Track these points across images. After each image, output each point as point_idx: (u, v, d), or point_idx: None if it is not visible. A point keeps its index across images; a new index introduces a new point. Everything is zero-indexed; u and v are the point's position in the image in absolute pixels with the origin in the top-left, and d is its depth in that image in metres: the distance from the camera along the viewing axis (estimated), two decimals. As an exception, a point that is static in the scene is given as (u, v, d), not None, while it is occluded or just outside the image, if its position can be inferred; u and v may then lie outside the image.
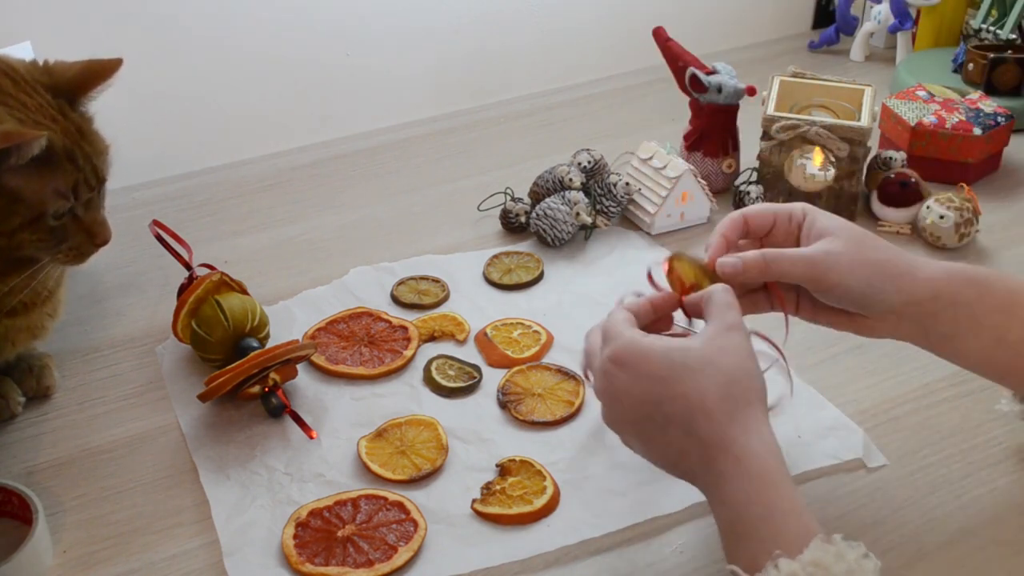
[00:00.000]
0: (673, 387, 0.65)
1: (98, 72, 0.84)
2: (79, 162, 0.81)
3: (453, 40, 1.41)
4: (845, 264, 0.72)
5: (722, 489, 0.63)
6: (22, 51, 1.08)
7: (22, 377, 0.92)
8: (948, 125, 1.19)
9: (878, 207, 1.15)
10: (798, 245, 0.75)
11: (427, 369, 0.94)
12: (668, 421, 0.65)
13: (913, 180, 1.13)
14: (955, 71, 1.41)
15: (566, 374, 0.92)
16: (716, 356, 0.65)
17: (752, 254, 0.73)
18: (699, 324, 0.73)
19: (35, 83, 0.81)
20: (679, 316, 0.76)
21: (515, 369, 0.93)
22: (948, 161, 1.20)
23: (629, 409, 0.67)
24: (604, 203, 1.13)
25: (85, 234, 0.83)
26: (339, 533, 0.77)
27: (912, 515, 0.78)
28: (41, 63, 0.84)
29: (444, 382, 0.92)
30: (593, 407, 0.89)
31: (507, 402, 0.89)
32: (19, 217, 0.78)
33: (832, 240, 0.73)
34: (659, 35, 1.22)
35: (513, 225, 1.14)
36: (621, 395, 0.67)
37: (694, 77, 1.17)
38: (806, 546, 0.58)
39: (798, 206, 0.77)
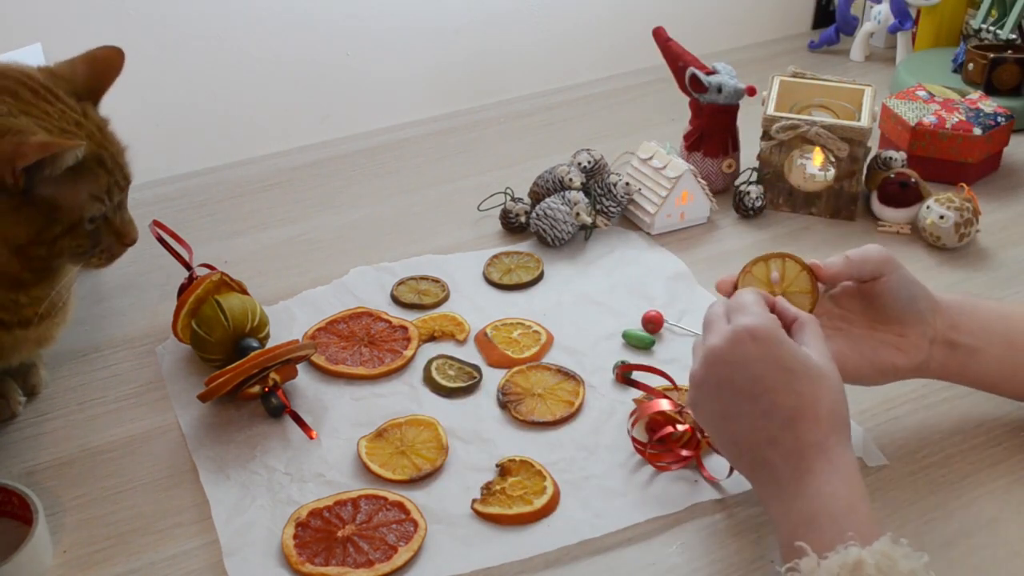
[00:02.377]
0: (794, 383, 0.67)
1: (106, 68, 0.85)
2: (108, 165, 0.82)
3: (453, 40, 1.41)
4: (907, 290, 0.79)
5: (807, 483, 0.65)
6: (32, 53, 1.08)
7: (10, 375, 0.91)
8: (948, 125, 1.19)
9: (878, 207, 1.15)
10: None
11: (427, 369, 0.94)
12: (773, 409, 0.67)
13: (913, 180, 1.13)
14: (955, 71, 1.41)
15: (566, 374, 0.92)
16: (831, 376, 0.69)
17: (837, 257, 0.79)
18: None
19: (55, 89, 0.81)
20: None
21: (515, 369, 0.93)
22: (948, 161, 1.20)
23: (741, 381, 0.68)
24: (604, 203, 1.13)
25: (115, 236, 0.85)
26: (339, 533, 0.77)
27: (912, 515, 0.78)
28: (49, 67, 0.83)
29: (444, 382, 0.92)
30: (593, 407, 0.89)
31: (507, 402, 0.89)
32: (60, 226, 0.79)
33: (902, 279, 0.79)
34: (659, 35, 1.22)
35: (513, 225, 1.14)
36: (740, 365, 0.68)
37: (694, 77, 1.17)
38: (876, 540, 0.61)
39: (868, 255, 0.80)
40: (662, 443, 0.83)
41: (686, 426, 0.83)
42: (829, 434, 0.67)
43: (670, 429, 0.83)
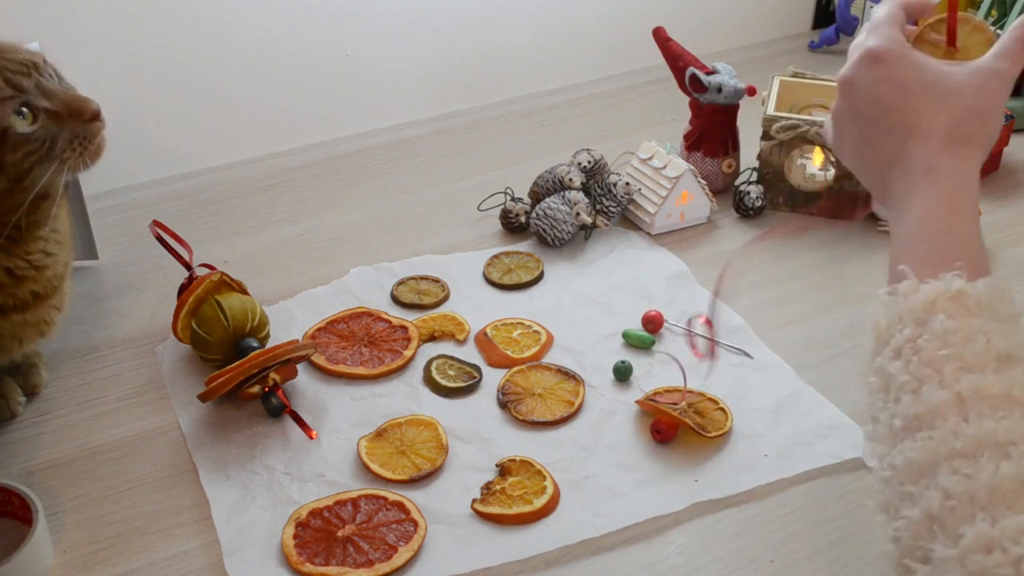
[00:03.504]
0: (911, 101, 0.65)
1: None
2: None
3: (453, 40, 1.41)
4: None
5: (910, 204, 0.63)
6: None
7: (10, 375, 0.91)
8: (948, 125, 1.19)
9: (878, 207, 1.14)
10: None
11: (427, 369, 0.94)
12: (893, 129, 0.65)
13: (913, 180, 1.13)
14: (955, 71, 1.41)
15: (566, 374, 0.92)
16: (968, 90, 0.65)
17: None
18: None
19: None
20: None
21: (515, 369, 0.93)
22: (948, 161, 1.20)
23: (865, 104, 0.67)
24: (604, 203, 1.13)
25: (71, 118, 0.79)
26: (339, 533, 0.77)
27: (912, 515, 0.78)
28: None
29: (444, 382, 0.92)
30: (593, 407, 0.89)
31: (507, 402, 0.89)
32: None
33: None
34: (659, 35, 1.22)
35: (513, 225, 1.14)
36: (862, 89, 0.67)
37: (694, 77, 1.17)
38: (980, 278, 0.58)
39: None
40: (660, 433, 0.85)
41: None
42: (942, 152, 0.63)
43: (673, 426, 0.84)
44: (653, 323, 0.97)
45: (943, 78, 0.65)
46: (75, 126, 0.80)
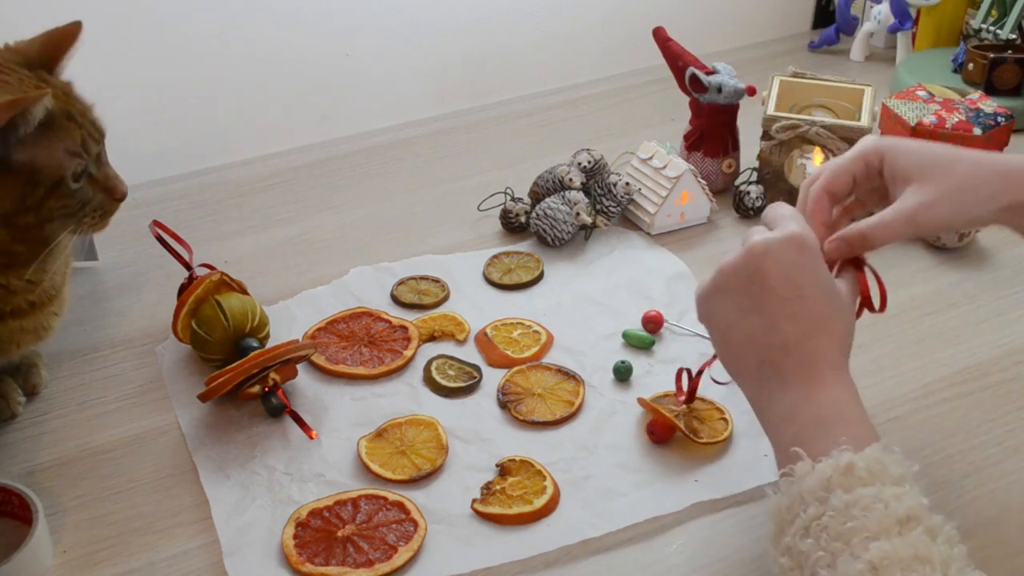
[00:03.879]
0: (821, 298, 0.68)
1: (62, 39, 0.85)
2: (78, 119, 0.82)
3: (453, 40, 1.41)
4: (944, 212, 0.73)
5: (814, 391, 0.65)
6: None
7: (10, 375, 0.92)
8: (948, 125, 1.19)
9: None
10: (885, 193, 0.76)
11: (427, 369, 0.94)
12: (796, 316, 0.67)
13: (913, 180, 1.13)
14: (955, 71, 1.41)
15: (566, 374, 0.92)
16: (847, 305, 0.70)
17: (851, 232, 0.74)
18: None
19: (7, 63, 0.81)
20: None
21: (515, 369, 0.93)
22: (948, 161, 1.20)
23: (775, 280, 0.68)
24: (604, 203, 1.13)
25: (104, 192, 0.85)
26: (339, 533, 0.77)
27: (912, 515, 0.78)
28: (3, 45, 0.84)
29: (444, 382, 0.92)
30: (593, 407, 0.89)
31: (507, 402, 0.89)
32: (42, 187, 0.79)
33: (922, 186, 0.73)
34: (659, 35, 1.22)
35: (513, 225, 1.14)
36: (779, 265, 0.68)
37: (694, 77, 1.17)
38: (868, 447, 0.62)
39: (870, 148, 0.76)
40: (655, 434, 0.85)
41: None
42: (840, 355, 0.68)
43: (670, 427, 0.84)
44: (653, 323, 0.97)
45: (838, 291, 0.70)
46: (104, 200, 0.85)
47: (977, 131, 1.18)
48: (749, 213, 1.16)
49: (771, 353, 0.68)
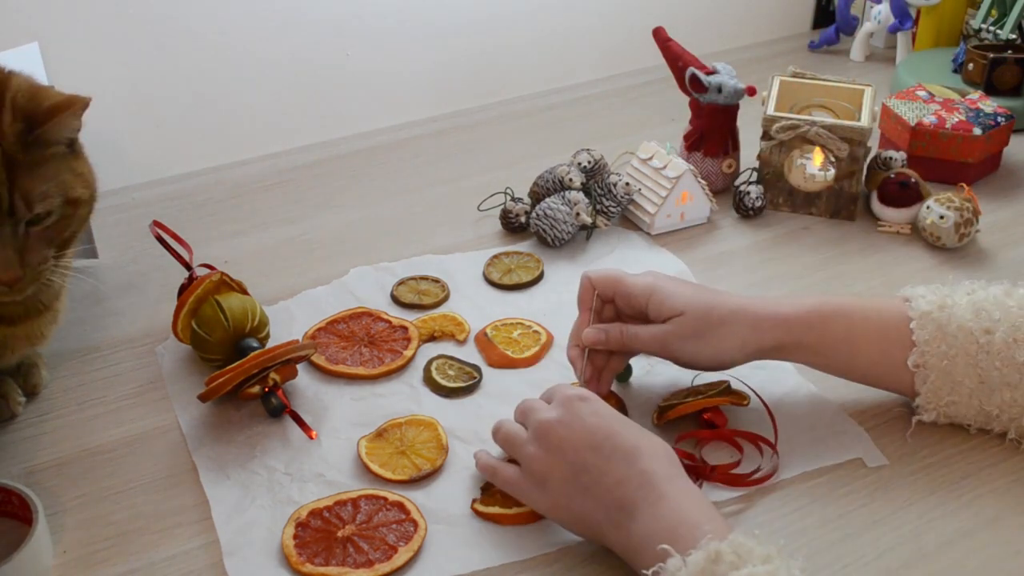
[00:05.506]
0: (626, 425, 0.75)
1: (60, 108, 0.77)
2: None
3: (453, 40, 1.41)
4: (692, 345, 0.83)
5: (662, 505, 0.69)
6: (29, 52, 1.07)
7: (10, 375, 0.91)
8: (948, 125, 1.19)
9: (878, 207, 1.15)
10: (646, 318, 0.85)
11: (427, 369, 0.94)
12: (615, 450, 0.72)
13: (913, 180, 1.13)
14: (955, 71, 1.41)
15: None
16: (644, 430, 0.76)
17: (613, 329, 0.85)
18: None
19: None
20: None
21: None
22: (948, 161, 1.20)
23: (579, 437, 0.74)
24: (604, 203, 1.13)
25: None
26: (339, 533, 0.77)
27: (912, 515, 0.78)
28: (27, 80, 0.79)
29: (444, 382, 0.92)
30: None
31: None
32: None
33: (680, 321, 0.83)
34: (659, 35, 1.22)
35: (513, 225, 1.14)
36: (577, 423, 0.74)
37: (694, 77, 1.17)
38: (730, 532, 0.65)
39: (640, 287, 0.85)
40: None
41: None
42: (668, 466, 0.72)
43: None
44: (653, 323, 0.97)
45: (623, 420, 0.76)
46: None
47: (977, 131, 1.18)
48: (749, 213, 1.16)
49: (611, 493, 0.71)
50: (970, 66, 1.36)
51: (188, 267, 0.98)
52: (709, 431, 0.84)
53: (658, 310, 0.83)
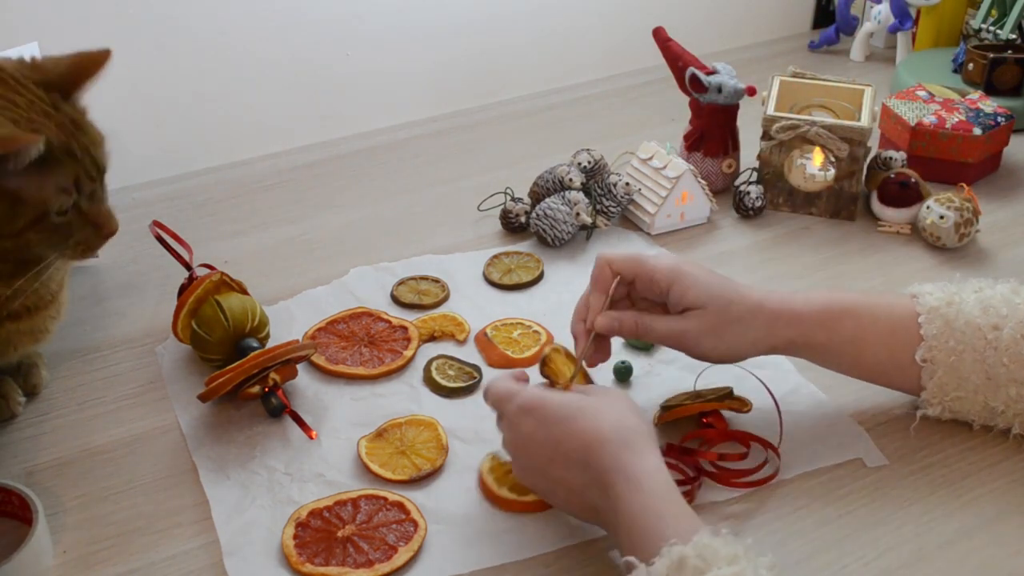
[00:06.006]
0: (571, 425, 0.72)
1: (88, 65, 0.83)
2: (78, 155, 0.80)
3: (453, 40, 1.41)
4: (709, 341, 0.82)
5: (619, 507, 0.68)
6: (29, 52, 1.07)
7: (10, 375, 0.91)
8: (948, 125, 1.19)
9: (878, 207, 1.15)
10: (664, 302, 0.84)
11: (427, 369, 0.94)
12: (568, 459, 0.72)
13: (913, 180, 1.13)
14: (955, 71, 1.41)
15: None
16: (606, 405, 0.74)
17: (628, 318, 0.84)
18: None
19: (25, 80, 0.79)
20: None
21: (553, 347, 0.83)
22: (948, 161, 1.20)
23: (535, 454, 0.74)
24: (604, 203, 1.13)
25: (91, 227, 0.83)
26: (339, 533, 0.77)
27: (912, 515, 0.78)
28: (30, 60, 0.82)
29: (444, 382, 0.92)
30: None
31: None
32: (23, 218, 0.77)
33: (700, 315, 0.81)
34: (659, 35, 1.22)
35: (513, 225, 1.14)
36: (528, 440, 0.74)
37: (694, 77, 1.17)
38: (695, 535, 0.63)
39: (663, 272, 0.82)
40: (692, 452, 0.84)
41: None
42: (620, 450, 0.70)
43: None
44: (653, 323, 0.97)
45: (583, 400, 0.74)
46: (90, 234, 0.83)
47: (977, 131, 1.18)
48: (749, 213, 1.16)
49: (581, 498, 0.72)
50: (970, 66, 1.36)
51: (188, 267, 0.98)
52: (714, 431, 0.84)
53: (679, 299, 0.82)
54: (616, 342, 0.97)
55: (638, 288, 0.84)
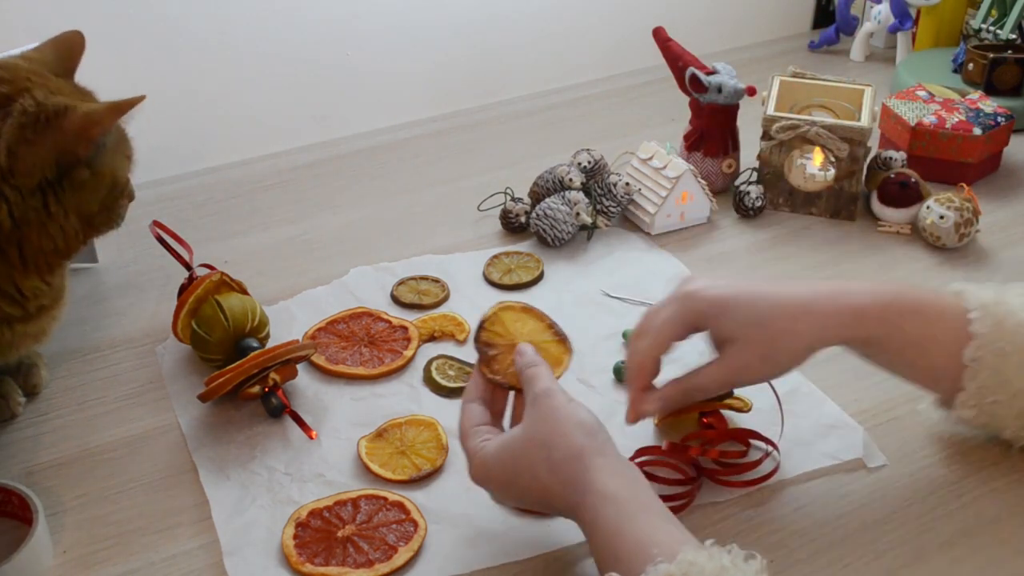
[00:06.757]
0: (519, 484, 0.71)
1: (71, 47, 0.87)
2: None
3: (453, 40, 1.41)
4: (756, 368, 0.78)
5: (595, 530, 0.66)
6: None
7: (10, 375, 0.91)
8: (948, 125, 1.19)
9: (878, 207, 1.15)
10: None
11: (427, 369, 0.94)
12: (540, 500, 0.71)
13: (913, 180, 1.13)
14: (955, 71, 1.41)
15: (557, 335, 0.80)
16: (532, 432, 0.70)
17: (671, 390, 0.79)
18: None
19: (44, 73, 0.82)
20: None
21: (503, 304, 0.80)
22: (948, 161, 1.20)
23: (511, 497, 0.73)
24: (604, 203, 1.13)
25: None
26: (339, 533, 0.77)
27: (912, 515, 0.78)
28: (18, 55, 0.85)
29: (444, 382, 0.92)
30: (593, 407, 0.89)
31: (485, 354, 0.77)
32: (116, 188, 0.84)
33: (740, 347, 0.76)
34: (659, 35, 1.22)
35: (513, 225, 1.14)
36: (498, 496, 0.74)
37: (694, 77, 1.17)
38: (679, 551, 0.61)
39: (692, 313, 0.77)
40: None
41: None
42: (569, 490, 0.68)
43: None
44: (653, 323, 0.97)
45: (512, 446, 0.71)
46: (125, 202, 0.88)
47: (977, 131, 1.18)
48: (749, 213, 1.16)
49: (559, 511, 0.70)
50: (970, 66, 1.36)
51: (188, 267, 0.98)
52: (714, 431, 0.84)
53: (714, 335, 0.78)
54: (615, 342, 0.97)
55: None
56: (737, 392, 0.86)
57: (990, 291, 0.80)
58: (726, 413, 0.86)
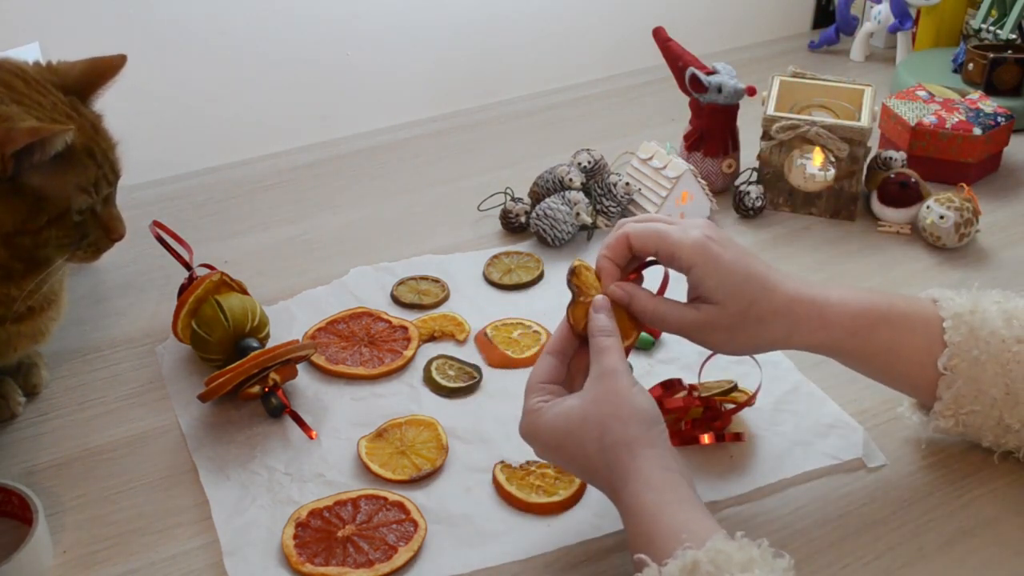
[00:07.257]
0: (565, 452, 0.71)
1: (104, 69, 0.85)
2: (98, 157, 0.82)
3: (453, 40, 1.41)
4: (721, 335, 0.77)
5: (633, 514, 0.67)
6: (30, 52, 1.08)
7: (10, 375, 0.91)
8: (948, 125, 1.19)
9: (878, 207, 1.15)
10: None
11: (427, 369, 0.94)
12: (581, 471, 0.72)
13: (913, 180, 1.13)
14: (955, 71, 1.41)
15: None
16: (590, 410, 0.70)
17: (644, 298, 0.78)
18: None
19: (45, 82, 0.81)
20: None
21: (582, 263, 0.82)
22: (948, 161, 1.20)
23: (554, 460, 0.75)
24: (604, 203, 1.13)
25: (102, 230, 0.85)
26: (339, 533, 0.77)
27: (912, 515, 0.78)
28: (45, 63, 0.84)
29: (444, 382, 0.92)
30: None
31: (575, 298, 0.80)
32: (46, 215, 0.79)
33: (719, 309, 0.76)
34: (659, 35, 1.22)
35: (513, 225, 1.14)
36: (541, 454, 0.75)
37: (694, 77, 1.17)
38: (709, 540, 0.62)
39: (687, 251, 0.76)
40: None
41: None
42: (611, 473, 0.69)
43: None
44: (653, 323, 0.97)
45: (569, 417, 0.71)
46: (100, 237, 0.86)
47: (977, 131, 1.18)
48: (749, 213, 1.16)
49: (597, 482, 0.71)
50: (970, 66, 1.36)
51: (188, 267, 0.98)
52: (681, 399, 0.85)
53: (696, 284, 0.76)
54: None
55: (663, 262, 0.79)
56: (741, 385, 0.87)
57: (966, 299, 0.80)
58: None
